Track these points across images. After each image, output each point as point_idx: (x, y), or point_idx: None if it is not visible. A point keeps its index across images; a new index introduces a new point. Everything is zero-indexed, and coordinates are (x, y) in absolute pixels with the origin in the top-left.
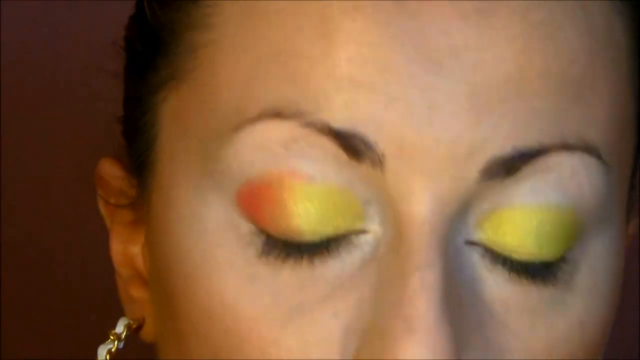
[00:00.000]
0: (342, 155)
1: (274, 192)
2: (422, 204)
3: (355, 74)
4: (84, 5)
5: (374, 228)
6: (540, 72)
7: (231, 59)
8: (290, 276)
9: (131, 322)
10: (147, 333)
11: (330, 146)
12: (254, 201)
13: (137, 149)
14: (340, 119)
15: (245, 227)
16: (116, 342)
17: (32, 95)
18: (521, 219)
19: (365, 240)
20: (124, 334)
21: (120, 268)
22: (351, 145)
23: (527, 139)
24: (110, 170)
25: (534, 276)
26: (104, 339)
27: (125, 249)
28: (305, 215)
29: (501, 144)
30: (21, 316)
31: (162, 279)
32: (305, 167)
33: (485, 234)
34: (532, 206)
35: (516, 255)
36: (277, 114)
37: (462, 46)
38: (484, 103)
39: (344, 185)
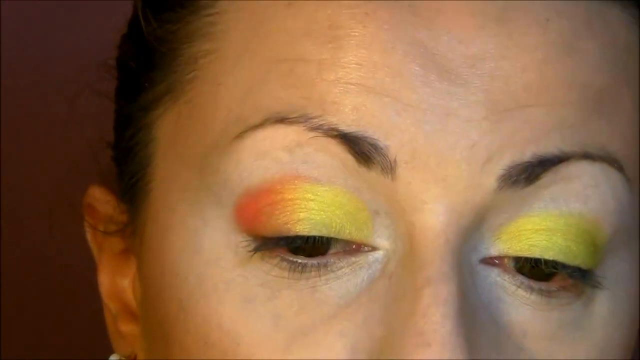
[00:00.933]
0: (350, 160)
1: (276, 195)
2: (436, 214)
3: (366, 79)
4: (84, 6)
5: (384, 244)
6: (563, 81)
7: (233, 67)
8: (290, 297)
9: (122, 358)
10: None
11: (337, 150)
12: (253, 208)
13: (129, 172)
14: (348, 123)
15: (244, 243)
16: None
17: (32, 95)
18: (543, 222)
19: (375, 259)
20: None
21: (109, 302)
22: (360, 149)
23: (548, 146)
24: (100, 196)
25: (553, 299)
26: (104, 338)
27: (114, 282)
28: (308, 216)
29: (520, 150)
30: (21, 316)
31: (155, 308)
32: (311, 171)
33: (506, 244)
34: (554, 212)
35: (547, 256)
36: (281, 119)
37: (480, 55)
38: (502, 109)
39: (352, 191)
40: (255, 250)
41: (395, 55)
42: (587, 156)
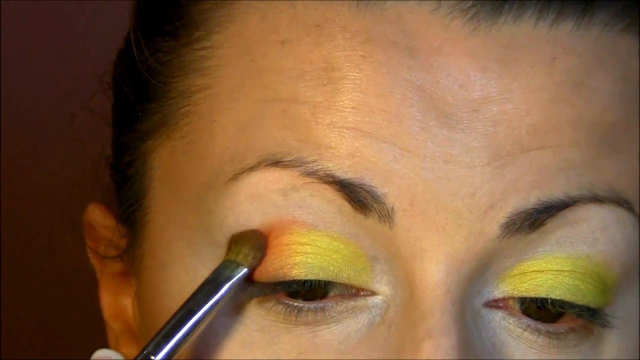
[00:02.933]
0: (346, 206)
1: (272, 240)
2: (435, 263)
3: (362, 124)
4: (84, 6)
5: (383, 289)
6: (570, 121)
7: (227, 104)
8: (290, 343)
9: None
10: None
11: (333, 197)
12: None
13: (127, 199)
14: (345, 169)
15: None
16: None
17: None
18: (549, 264)
19: (374, 303)
20: None
21: (111, 321)
22: (357, 196)
23: (553, 190)
24: (100, 219)
25: (561, 341)
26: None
27: (116, 301)
28: (304, 260)
29: (524, 197)
30: (21, 316)
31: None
32: (306, 216)
33: (510, 286)
34: (561, 255)
35: (554, 296)
36: (276, 162)
37: (481, 99)
38: (505, 154)
39: (349, 237)
40: (252, 296)
41: (393, 99)
42: (595, 199)
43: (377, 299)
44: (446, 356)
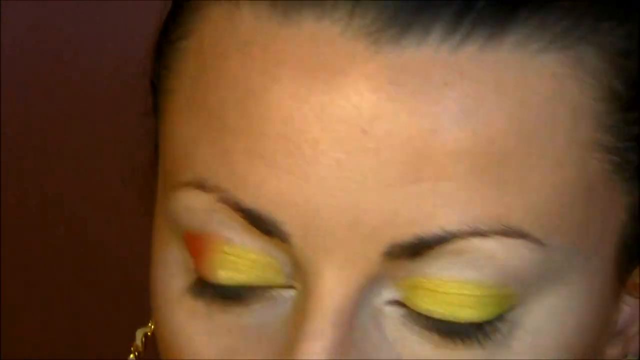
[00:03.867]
0: (254, 229)
1: (202, 245)
2: (323, 279)
3: (268, 153)
4: (84, 6)
5: (298, 285)
6: (450, 152)
7: (182, 115)
8: (221, 320)
9: (147, 332)
10: None
11: (243, 221)
12: (191, 248)
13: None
14: (249, 199)
15: (192, 265)
16: (137, 353)
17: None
18: (437, 287)
19: (290, 296)
20: (142, 343)
21: None
22: (259, 224)
23: (430, 226)
24: None
25: (462, 337)
26: (104, 338)
27: None
28: (221, 265)
29: (402, 231)
30: (21, 316)
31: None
32: (225, 232)
33: (404, 294)
34: (447, 280)
35: (437, 316)
36: (200, 185)
37: (371, 123)
38: (387, 184)
39: (261, 250)
40: (196, 282)
41: (293, 125)
42: (476, 233)
43: (293, 292)
44: (314, 356)
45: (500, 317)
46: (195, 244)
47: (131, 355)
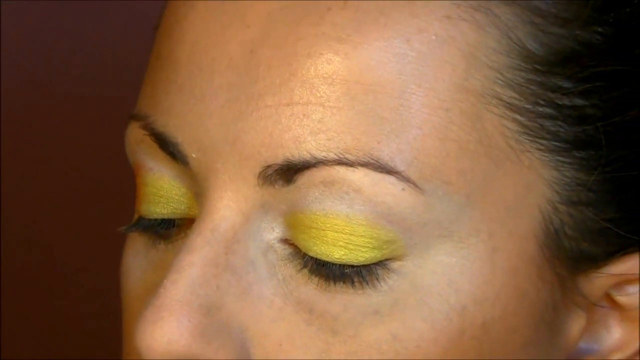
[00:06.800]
0: (167, 155)
1: (137, 178)
2: (209, 199)
3: (179, 77)
4: (84, 6)
5: None
6: (326, 78)
7: (149, 63)
8: (151, 256)
9: None
10: None
11: (157, 147)
12: (136, 182)
13: None
14: (160, 123)
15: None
16: None
17: (32, 96)
18: (312, 223)
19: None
20: None
21: None
22: (165, 147)
23: (299, 149)
24: None
25: (336, 279)
26: (104, 338)
27: None
28: (145, 199)
29: (273, 153)
30: (21, 316)
31: None
32: (148, 162)
33: (291, 232)
34: (319, 213)
35: (312, 254)
36: (134, 116)
37: (258, 42)
38: (266, 105)
39: (175, 179)
40: (138, 218)
41: (197, 49)
42: (343, 163)
43: None
44: (181, 269)
45: (382, 264)
46: (136, 177)
47: None
